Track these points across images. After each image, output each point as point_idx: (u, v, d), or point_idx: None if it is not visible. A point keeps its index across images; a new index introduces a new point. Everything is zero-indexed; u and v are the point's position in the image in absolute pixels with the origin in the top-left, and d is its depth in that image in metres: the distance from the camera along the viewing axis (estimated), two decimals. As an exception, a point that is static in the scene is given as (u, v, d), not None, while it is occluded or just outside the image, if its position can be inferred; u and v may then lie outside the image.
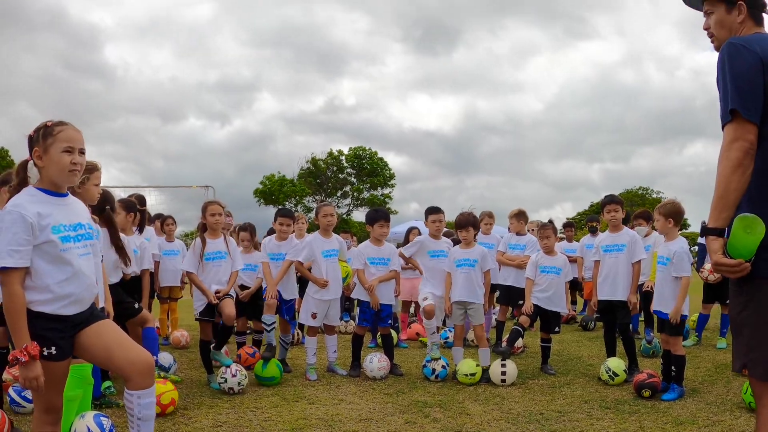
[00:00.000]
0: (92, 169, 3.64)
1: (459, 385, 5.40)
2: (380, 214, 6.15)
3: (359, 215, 53.24)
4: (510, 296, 7.14)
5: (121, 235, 4.74)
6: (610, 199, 5.87)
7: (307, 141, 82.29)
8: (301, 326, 6.98)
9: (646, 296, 6.46)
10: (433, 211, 6.23)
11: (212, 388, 5.07)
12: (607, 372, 5.32)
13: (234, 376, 4.90)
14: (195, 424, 4.04)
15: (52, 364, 2.39)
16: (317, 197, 48.99)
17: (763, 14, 2.46)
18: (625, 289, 5.51)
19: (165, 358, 5.19)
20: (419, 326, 7.78)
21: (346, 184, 49.71)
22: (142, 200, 6.46)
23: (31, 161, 2.53)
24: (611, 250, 5.67)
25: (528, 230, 9.48)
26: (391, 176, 49.67)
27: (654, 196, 53.97)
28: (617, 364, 5.35)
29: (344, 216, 51.38)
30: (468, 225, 5.98)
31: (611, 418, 4.30)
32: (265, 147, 76.10)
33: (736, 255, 2.08)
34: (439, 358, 5.66)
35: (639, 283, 5.99)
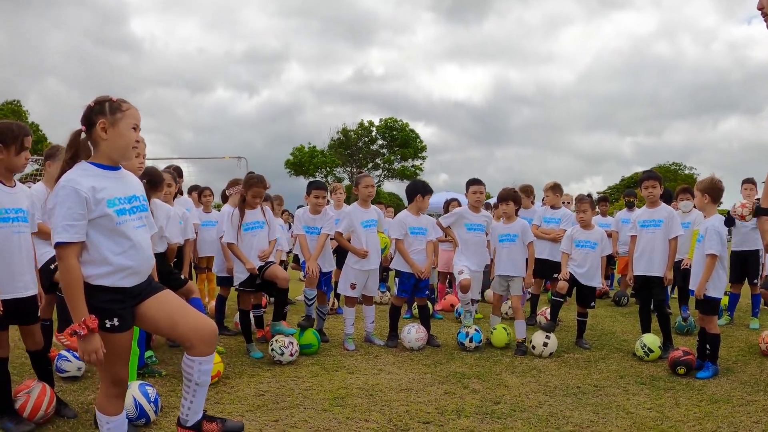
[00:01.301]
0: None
1: (496, 356, 5.44)
2: (426, 187, 6.13)
3: (390, 186, 53.34)
4: (544, 270, 7.09)
5: (166, 206, 4.84)
6: (648, 175, 5.76)
7: (335, 111, 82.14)
8: (337, 295, 7.07)
9: (684, 274, 6.37)
10: (474, 182, 6.18)
11: (252, 357, 5.18)
12: (642, 348, 5.30)
13: (288, 347, 4.98)
14: (237, 393, 4.15)
15: (116, 335, 2.45)
16: (348, 168, 49.05)
17: None
18: (661, 265, 5.44)
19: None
20: (454, 297, 7.83)
21: (377, 156, 49.62)
22: (179, 172, 6.57)
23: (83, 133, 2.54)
24: (648, 226, 5.58)
25: (563, 203, 9.40)
26: (423, 148, 49.46)
27: (687, 172, 52.72)
28: (652, 340, 5.31)
29: (377, 186, 51.48)
30: (509, 199, 5.97)
31: (647, 393, 4.29)
32: (294, 117, 76.31)
33: None
34: (472, 326, 5.72)
35: (677, 260, 5.90)
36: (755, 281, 6.83)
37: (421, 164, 50.05)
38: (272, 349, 5.00)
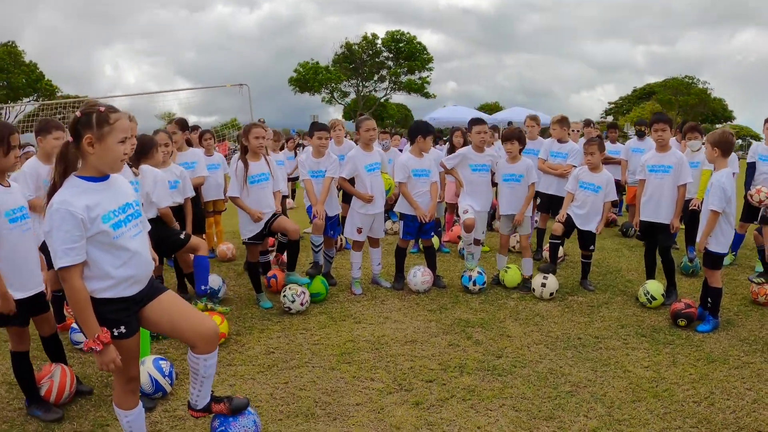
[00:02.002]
0: None
1: (501, 299, 5.56)
2: (429, 128, 6.03)
3: (397, 98, 52.54)
4: (551, 204, 7.10)
5: (152, 171, 4.80)
6: (658, 118, 5.61)
7: (340, 22, 79.51)
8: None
9: (692, 214, 6.35)
10: (476, 122, 6.08)
11: (262, 308, 5.32)
12: (645, 295, 5.35)
13: (299, 296, 5.11)
14: (248, 352, 4.30)
15: (124, 341, 2.53)
16: (353, 81, 48.11)
17: None
18: (668, 211, 5.40)
19: (214, 281, 5.39)
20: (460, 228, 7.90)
21: (383, 68, 48.51)
22: (183, 124, 6.50)
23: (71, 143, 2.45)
24: (657, 171, 5.50)
25: (572, 130, 9.25)
26: (429, 59, 48.20)
27: (700, 86, 51.23)
28: (656, 287, 5.35)
29: (382, 100, 50.71)
30: (513, 138, 5.89)
31: (646, 348, 4.38)
32: (297, 30, 74.04)
33: None
34: (475, 268, 5.81)
35: (686, 199, 5.85)
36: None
37: (427, 76, 48.99)
38: (284, 296, 5.12)
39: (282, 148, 7.03)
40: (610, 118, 75.93)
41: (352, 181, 5.85)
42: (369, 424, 3.23)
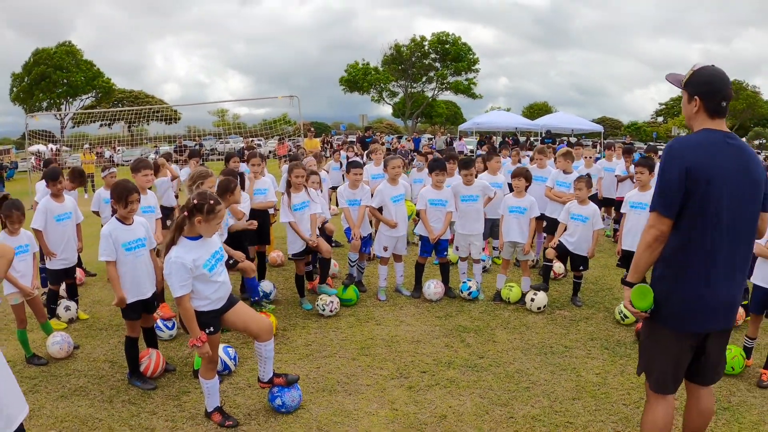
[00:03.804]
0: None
1: (497, 311, 6.74)
2: (439, 164, 7.26)
3: (444, 96, 53.54)
4: (555, 228, 8.21)
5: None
6: (639, 162, 6.72)
7: (390, 15, 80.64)
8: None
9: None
10: (464, 166, 7.24)
11: (304, 309, 6.70)
12: (619, 313, 6.39)
13: (330, 304, 6.46)
14: (291, 344, 5.68)
15: (212, 336, 3.95)
16: (401, 82, 49.33)
17: (719, 108, 2.99)
18: None
19: (267, 285, 6.86)
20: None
21: (431, 70, 49.59)
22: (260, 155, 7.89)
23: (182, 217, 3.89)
24: (636, 207, 6.62)
25: (582, 157, 10.34)
26: (475, 61, 49.02)
27: (750, 88, 50.17)
28: (629, 307, 6.43)
29: (430, 100, 51.79)
30: (521, 176, 7.08)
31: (604, 358, 5.42)
32: (347, 24, 75.47)
33: (637, 307, 3.16)
34: (473, 282, 7.11)
35: None
36: None
37: (474, 77, 49.82)
38: (317, 305, 6.48)
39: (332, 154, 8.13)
40: (660, 119, 74.78)
41: (380, 209, 7.14)
42: (373, 398, 4.55)
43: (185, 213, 3.85)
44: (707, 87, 3.03)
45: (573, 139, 30.35)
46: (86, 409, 4.47)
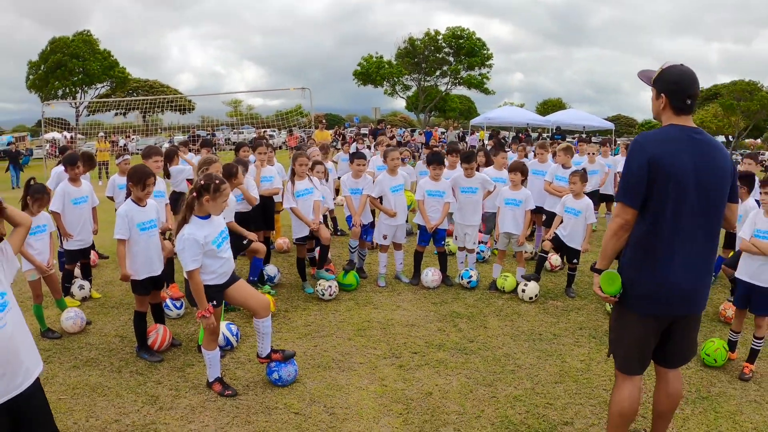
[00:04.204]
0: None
1: (491, 299, 6.99)
2: (436, 157, 7.51)
3: (458, 91, 53.63)
4: (554, 221, 8.45)
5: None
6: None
7: (406, 9, 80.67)
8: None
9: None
10: (467, 160, 7.48)
11: (305, 292, 6.98)
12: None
13: (329, 288, 6.75)
14: (291, 324, 5.98)
15: (215, 309, 4.24)
16: (414, 76, 49.45)
17: (685, 105, 3.19)
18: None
19: (271, 269, 7.16)
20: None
21: (444, 64, 49.66)
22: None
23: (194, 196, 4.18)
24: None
25: (586, 153, 10.56)
26: (489, 56, 49.03)
27: (765, 89, 49.63)
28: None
29: (444, 93, 51.91)
30: (517, 170, 7.32)
31: (590, 347, 5.63)
32: (363, 17, 75.65)
33: (606, 292, 3.40)
34: (474, 271, 7.35)
35: None
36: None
37: (487, 72, 49.84)
38: (317, 290, 6.77)
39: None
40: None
41: (381, 199, 7.40)
42: (364, 375, 4.83)
43: (194, 194, 4.15)
44: (674, 85, 3.23)
45: (584, 136, 30.43)
46: (96, 378, 4.79)
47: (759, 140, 70.61)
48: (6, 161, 23.58)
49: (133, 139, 35.43)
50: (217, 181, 4.15)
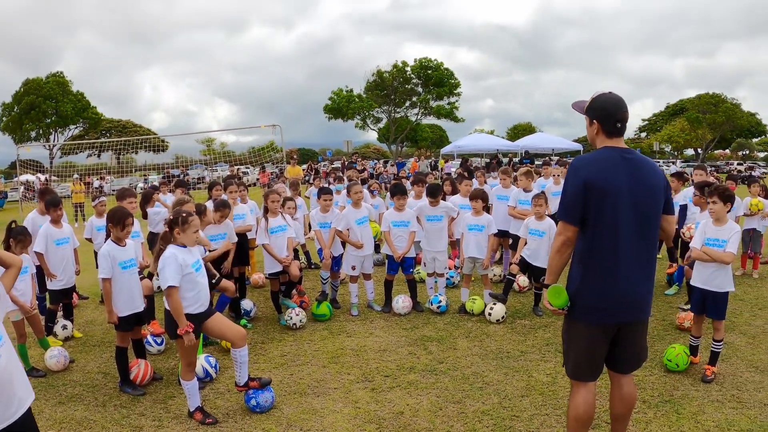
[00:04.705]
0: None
1: (461, 322, 7.27)
2: (399, 189, 7.87)
3: (428, 120, 54.59)
4: (518, 244, 8.82)
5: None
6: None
7: (375, 41, 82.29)
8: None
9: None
10: (432, 194, 7.85)
11: (281, 324, 7.21)
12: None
13: (297, 315, 6.99)
14: (267, 355, 6.20)
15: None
16: (385, 108, 50.28)
17: (615, 129, 3.55)
18: None
19: (247, 303, 7.38)
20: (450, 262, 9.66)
21: (413, 95, 50.66)
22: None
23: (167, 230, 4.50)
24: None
25: (551, 175, 10.94)
26: (456, 85, 50.15)
27: (729, 100, 51.47)
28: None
29: (415, 124, 52.81)
30: (478, 198, 7.69)
31: (557, 361, 5.89)
32: (334, 50, 76.87)
33: (554, 305, 3.71)
34: (443, 296, 7.67)
35: None
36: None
37: (456, 102, 50.94)
38: (286, 320, 7.04)
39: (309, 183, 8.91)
40: (643, 135, 76.12)
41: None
42: (338, 399, 5.07)
43: (166, 228, 4.45)
44: (604, 112, 3.60)
45: (555, 158, 31.24)
46: (82, 412, 4.96)
47: (728, 150, 72.54)
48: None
49: (107, 180, 35.35)
50: (184, 215, 4.49)
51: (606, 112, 3.59)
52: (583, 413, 3.73)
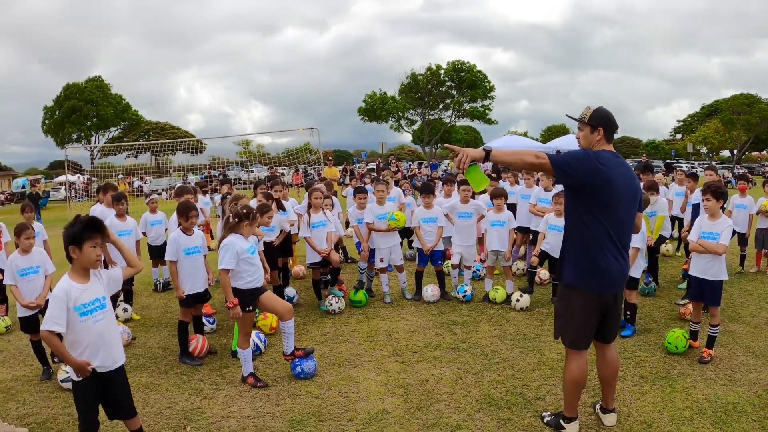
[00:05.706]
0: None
1: (484, 309, 7.92)
2: (427, 188, 8.58)
3: (462, 122, 55.02)
4: (538, 238, 9.42)
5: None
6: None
7: (409, 42, 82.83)
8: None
9: (650, 249, 8.32)
10: (464, 182, 8.50)
11: (321, 309, 7.98)
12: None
13: (336, 302, 7.78)
14: (309, 334, 6.98)
15: (249, 314, 5.31)
16: (419, 110, 50.96)
17: (612, 135, 4.21)
18: None
19: (290, 291, 8.18)
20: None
21: (447, 97, 51.13)
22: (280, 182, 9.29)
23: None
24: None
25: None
26: (491, 88, 50.44)
27: (764, 101, 50.40)
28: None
29: (449, 126, 53.36)
30: (501, 196, 8.34)
31: None
32: (367, 51, 77.80)
33: (467, 173, 3.98)
34: (468, 286, 8.33)
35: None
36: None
37: (489, 104, 51.27)
38: (326, 306, 7.80)
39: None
40: (678, 136, 74.99)
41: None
42: (372, 369, 5.81)
43: (236, 219, 5.25)
44: (608, 120, 4.20)
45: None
46: (147, 378, 5.80)
47: (765, 152, 70.90)
48: (20, 203, 25.14)
49: (147, 180, 36.91)
50: (255, 212, 5.35)
51: (610, 120, 4.21)
52: (578, 376, 4.33)
